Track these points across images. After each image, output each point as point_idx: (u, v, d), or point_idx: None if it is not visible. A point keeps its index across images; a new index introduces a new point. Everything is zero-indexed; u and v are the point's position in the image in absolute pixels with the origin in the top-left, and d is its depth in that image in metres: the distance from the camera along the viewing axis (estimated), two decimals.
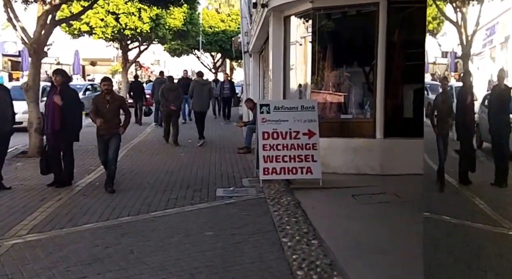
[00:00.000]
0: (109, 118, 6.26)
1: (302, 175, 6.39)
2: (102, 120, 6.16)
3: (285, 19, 8.57)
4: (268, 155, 6.44)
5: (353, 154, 7.18)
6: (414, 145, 7.12)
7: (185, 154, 9.33)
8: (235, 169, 7.74)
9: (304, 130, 6.53)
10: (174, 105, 10.51)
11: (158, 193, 5.99)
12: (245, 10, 15.78)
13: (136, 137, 12.17)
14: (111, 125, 6.29)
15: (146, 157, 9.08)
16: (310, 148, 6.47)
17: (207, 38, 28.03)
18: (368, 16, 7.55)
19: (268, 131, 6.52)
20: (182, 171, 7.56)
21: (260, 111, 6.61)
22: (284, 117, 6.57)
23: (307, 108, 6.62)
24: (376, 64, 7.17)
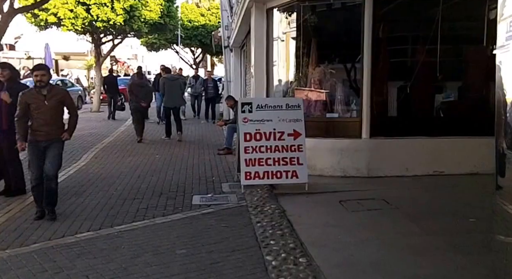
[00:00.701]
0: (47, 119, 4.91)
1: (287, 179, 5.96)
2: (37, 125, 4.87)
3: (267, 11, 8.10)
4: (251, 158, 5.99)
5: (340, 155, 6.79)
6: (400, 145, 6.84)
7: (161, 156, 8.80)
8: (214, 173, 7.26)
9: (289, 131, 6.10)
10: (145, 102, 10.45)
11: (126, 202, 5.47)
12: (225, 2, 15.26)
13: (107, 136, 11.59)
14: (51, 128, 4.93)
15: (117, 159, 8.51)
16: (296, 149, 6.05)
17: (186, 32, 27.35)
18: (354, 9, 7.14)
19: (250, 132, 6.07)
20: (156, 175, 7.04)
21: (241, 110, 6.14)
22: (268, 117, 6.13)
23: (292, 107, 6.19)
24: (362, 60, 6.79)
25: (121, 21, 16.22)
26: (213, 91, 14.68)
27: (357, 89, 7.38)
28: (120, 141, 10.83)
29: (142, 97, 10.41)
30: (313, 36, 7.59)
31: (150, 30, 17.88)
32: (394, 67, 7.35)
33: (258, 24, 8.22)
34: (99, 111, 17.93)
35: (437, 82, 7.22)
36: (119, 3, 16.11)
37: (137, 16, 16.61)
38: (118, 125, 14.06)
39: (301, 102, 6.29)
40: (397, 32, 7.40)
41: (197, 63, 32.40)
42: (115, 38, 18.78)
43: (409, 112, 7.19)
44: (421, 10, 7.08)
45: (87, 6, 16.03)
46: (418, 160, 6.55)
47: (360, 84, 6.89)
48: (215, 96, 14.79)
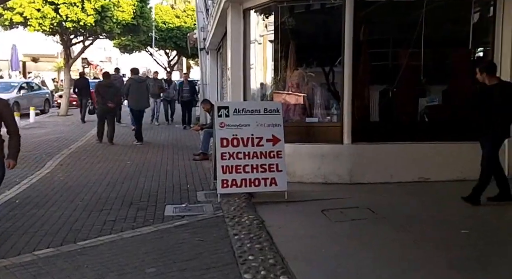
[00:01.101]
0: None
1: (266, 187, 5.68)
2: None
3: (244, 12, 7.83)
4: (227, 165, 5.68)
5: (320, 161, 6.57)
6: (383, 150, 6.66)
7: (133, 162, 8.39)
8: (189, 180, 6.92)
9: (268, 136, 5.83)
10: (112, 102, 10.38)
11: (93, 214, 5.08)
12: (201, 4, 14.96)
13: (76, 141, 11.08)
14: None
15: (85, 165, 8.06)
16: (275, 156, 5.78)
17: (160, 34, 26.88)
18: (334, 11, 6.97)
19: (227, 138, 5.77)
20: (126, 183, 6.65)
21: (218, 115, 5.84)
22: (245, 122, 5.84)
23: (271, 111, 5.93)
24: (343, 63, 6.59)
25: (91, 22, 15.68)
26: (189, 94, 13.95)
27: (337, 93, 7.20)
28: (90, 146, 10.35)
29: (109, 98, 10.32)
30: (292, 38, 7.38)
31: (122, 32, 17.37)
32: (376, 70, 7.20)
33: (235, 25, 7.93)
34: (67, 114, 17.29)
35: (421, 86, 7.10)
36: (89, 3, 15.57)
37: (108, 17, 16.10)
38: (88, 128, 13.52)
39: (280, 106, 6.03)
40: (379, 35, 7.26)
41: (171, 66, 31.93)
42: (86, 40, 18.17)
43: (392, 116, 7.04)
44: (404, 13, 6.95)
45: (55, 6, 15.42)
46: (402, 166, 6.38)
47: (341, 88, 6.69)
48: (191, 100, 14.06)
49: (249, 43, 7.93)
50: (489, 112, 5.01)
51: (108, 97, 10.31)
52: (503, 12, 6.41)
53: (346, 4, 6.45)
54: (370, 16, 6.94)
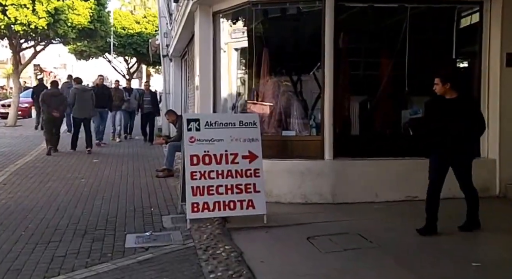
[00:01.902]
0: None
1: (242, 210, 5.07)
2: None
3: (214, 15, 7.27)
4: (198, 186, 5.03)
5: (299, 178, 6.05)
6: (367, 167, 6.21)
7: (87, 180, 7.57)
8: (153, 201, 6.21)
9: (244, 153, 5.24)
10: (57, 112, 10.23)
11: (38, 247, 4.30)
12: (164, 8, 14.27)
13: (24, 155, 10.10)
14: None
15: (32, 185, 7.17)
16: (252, 174, 5.19)
17: (119, 40, 25.82)
18: (313, 15, 6.52)
19: (198, 154, 5.13)
20: (80, 206, 5.87)
21: (187, 128, 5.20)
22: (218, 136, 5.23)
23: (247, 124, 5.35)
24: (323, 72, 6.13)
25: (43, 25, 14.65)
26: (151, 105, 12.63)
27: (315, 104, 6.75)
28: (40, 161, 9.40)
29: (54, 106, 10.23)
30: (266, 44, 6.88)
31: (78, 36, 16.38)
32: (357, 80, 6.81)
33: (203, 30, 7.35)
34: (16, 125, 16.07)
35: (404, 96, 6.73)
36: (41, 5, 14.55)
37: (62, 20, 15.12)
38: (38, 141, 12.45)
39: (257, 119, 5.46)
40: (359, 42, 6.85)
41: (131, 74, 30.83)
42: (38, 44, 17.03)
43: (375, 130, 6.62)
44: (387, 19, 6.59)
45: (2, 7, 14.30)
46: (388, 184, 5.94)
47: (321, 98, 6.22)
48: (152, 111, 12.73)
49: (219, 49, 7.37)
50: (441, 129, 4.50)
51: (53, 106, 10.20)
52: (490, 17, 6.15)
53: (326, 8, 6.02)
54: (350, 22, 6.53)
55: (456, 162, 4.57)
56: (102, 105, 11.48)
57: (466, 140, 4.55)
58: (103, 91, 11.73)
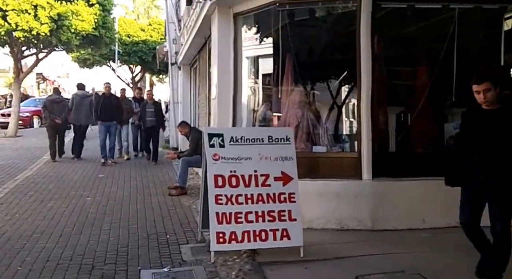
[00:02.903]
0: None
1: (276, 241, 4.38)
2: None
3: (235, 17, 6.64)
4: (224, 212, 4.36)
5: (334, 201, 5.37)
6: (412, 188, 5.51)
7: (93, 198, 6.89)
8: (167, 225, 5.52)
9: (276, 173, 4.57)
10: (59, 119, 10.30)
11: None
12: (173, 14, 13.72)
13: (24, 169, 9.45)
14: None
15: (32, 205, 6.50)
16: (286, 199, 4.51)
17: (124, 48, 25.30)
18: (346, 17, 5.91)
19: (223, 175, 4.46)
20: (86, 232, 5.18)
21: (209, 144, 4.54)
22: (246, 154, 4.57)
23: (279, 140, 4.68)
24: (360, 81, 5.47)
25: (46, 31, 14.06)
26: (154, 118, 10.50)
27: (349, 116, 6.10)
28: (41, 176, 8.74)
29: (57, 113, 10.37)
30: (292, 49, 6.21)
31: (82, 43, 15.80)
32: (395, 89, 6.14)
33: (222, 34, 6.73)
34: (16, 136, 15.44)
35: (447, 108, 6.07)
36: (43, 11, 13.98)
37: (66, 26, 14.53)
38: (40, 153, 11.83)
39: (292, 134, 4.79)
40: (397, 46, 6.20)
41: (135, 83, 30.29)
42: (40, 52, 16.45)
43: (418, 145, 5.92)
44: (428, 20, 5.92)
45: (3, 13, 13.74)
46: (436, 208, 5.23)
47: (357, 110, 5.55)
48: (156, 124, 10.58)
49: (241, 55, 6.73)
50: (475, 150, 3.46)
51: (55, 113, 10.34)
52: None
53: (362, 8, 5.37)
54: (388, 24, 5.90)
55: (492, 196, 3.42)
56: (109, 117, 10.07)
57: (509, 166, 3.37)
58: (110, 102, 10.18)
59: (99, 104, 10.11)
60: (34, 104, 21.89)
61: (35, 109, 20.97)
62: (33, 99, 24.33)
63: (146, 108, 10.65)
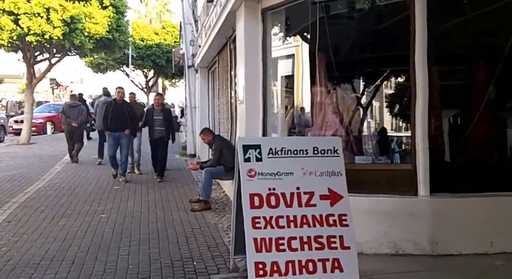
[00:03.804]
0: None
1: (326, 274, 3.69)
2: None
3: (263, 13, 5.99)
4: (263, 237, 3.69)
5: (386, 221, 4.67)
6: (476, 205, 4.76)
7: (108, 215, 6.28)
8: (193, 249, 4.87)
9: (322, 191, 3.90)
10: (76, 122, 10.68)
11: None
12: (189, 14, 13.14)
13: (36, 180, 8.91)
14: None
15: (43, 223, 5.91)
16: (336, 222, 3.84)
17: (138, 52, 24.88)
18: (395, 8, 5.21)
19: (261, 194, 3.80)
20: (102, 258, 4.56)
21: (244, 158, 3.88)
22: (287, 168, 3.91)
23: (325, 152, 4.01)
24: (414, 81, 4.76)
25: (59, 35, 13.61)
26: (163, 127, 8.86)
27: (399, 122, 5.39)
28: (53, 188, 8.18)
29: (73, 117, 10.73)
30: (331, 46, 5.54)
31: (95, 47, 15.32)
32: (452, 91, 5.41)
33: (250, 31, 6.06)
34: (29, 143, 15.00)
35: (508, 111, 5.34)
36: (56, 14, 13.53)
37: (79, 30, 14.07)
38: (53, 161, 11.33)
39: (340, 144, 4.10)
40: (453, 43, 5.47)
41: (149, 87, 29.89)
42: (53, 57, 16.03)
43: (480, 155, 5.18)
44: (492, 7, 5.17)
45: (15, 16, 13.32)
46: (505, 229, 4.51)
47: (412, 115, 4.83)
48: (164, 135, 8.92)
49: (270, 54, 6.06)
50: None
51: (72, 117, 10.71)
52: None
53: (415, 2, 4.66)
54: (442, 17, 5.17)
55: None
56: (120, 127, 8.60)
57: None
58: (122, 109, 8.69)
59: (109, 112, 8.74)
60: (48, 110, 21.58)
61: (49, 115, 20.67)
62: (47, 105, 24.00)
63: (153, 116, 8.90)
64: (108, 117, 8.71)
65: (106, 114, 8.76)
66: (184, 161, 12.23)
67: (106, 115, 8.76)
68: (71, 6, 13.81)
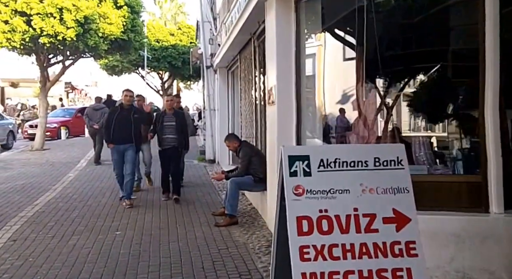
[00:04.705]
0: None
1: None
2: None
3: (297, 4, 5.27)
4: (314, 272, 2.98)
5: (452, 244, 3.93)
6: None
7: (124, 232, 5.63)
8: (222, 276, 4.16)
9: (386, 213, 3.16)
10: (98, 124, 10.75)
11: None
12: (208, 12, 12.49)
13: (47, 191, 8.33)
14: None
15: (52, 242, 5.27)
16: (403, 252, 3.09)
17: (153, 53, 24.37)
18: None
19: (310, 217, 3.08)
20: None
21: (289, 172, 3.17)
22: (342, 184, 3.18)
23: (389, 163, 3.27)
24: (483, 77, 4.01)
25: (72, 36, 13.08)
26: (175, 136, 7.28)
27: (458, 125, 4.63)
28: (65, 200, 7.57)
29: (95, 120, 10.99)
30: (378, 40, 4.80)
31: (110, 48, 14.77)
32: None
33: (281, 25, 5.34)
34: (43, 149, 14.53)
35: None
36: (69, 14, 13.00)
37: (93, 30, 13.53)
38: (66, 169, 10.79)
39: (403, 152, 3.34)
40: None
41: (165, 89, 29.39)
42: (67, 59, 15.55)
43: None
44: None
45: (27, 17, 12.84)
46: None
47: (481, 117, 4.07)
48: (177, 145, 7.33)
49: (304, 50, 5.34)
50: None
51: (94, 119, 11.02)
52: None
53: None
54: None
55: None
56: (126, 137, 7.02)
57: None
58: (127, 116, 7.02)
59: (112, 119, 7.07)
60: (62, 115, 21.19)
61: (63, 119, 20.27)
62: (62, 109, 23.64)
63: (163, 122, 7.29)
64: (111, 126, 7.05)
65: (109, 122, 7.12)
66: (203, 166, 11.57)
67: (109, 123, 7.10)
68: (84, 6, 13.28)
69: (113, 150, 7.12)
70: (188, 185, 8.72)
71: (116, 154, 7.11)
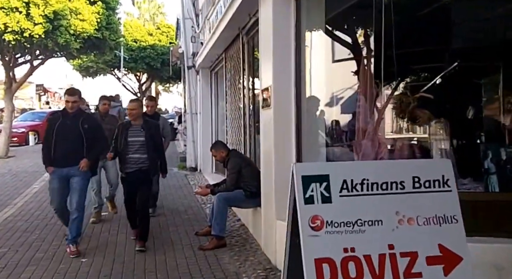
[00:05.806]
0: None
1: None
2: None
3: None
4: None
5: None
6: None
7: (91, 257, 4.77)
8: None
9: (431, 250, 2.48)
10: None
11: None
12: (190, 7, 11.69)
13: (6, 206, 7.42)
14: None
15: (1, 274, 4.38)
16: None
17: (130, 54, 23.39)
18: None
19: (332, 259, 2.36)
20: None
21: (303, 198, 2.42)
22: (371, 214, 2.48)
23: (432, 184, 2.56)
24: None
25: (40, 33, 12.12)
26: (145, 154, 5.12)
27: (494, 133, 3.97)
28: (24, 218, 6.66)
29: None
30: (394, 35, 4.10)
31: (83, 47, 13.82)
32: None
33: (280, 18, 4.58)
34: (7, 156, 13.45)
35: None
36: (37, 8, 12.05)
37: (64, 27, 12.58)
38: (31, 178, 9.82)
39: (450, 169, 2.63)
40: None
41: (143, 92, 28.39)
42: (35, 59, 14.51)
43: None
44: None
45: None
46: None
47: None
48: (146, 167, 5.14)
49: (304, 47, 4.60)
50: None
51: None
52: None
53: None
54: None
55: None
56: (70, 157, 4.91)
57: None
58: (73, 126, 4.94)
59: (50, 132, 4.97)
60: (31, 119, 19.97)
61: (32, 124, 19.07)
62: (30, 112, 22.36)
63: (127, 137, 5.15)
64: (50, 140, 4.92)
65: (48, 135, 5.00)
66: (184, 176, 10.73)
67: (48, 136, 4.99)
68: (54, 0, 12.33)
69: (53, 175, 5.00)
70: (167, 197, 7.88)
71: (57, 181, 4.97)
